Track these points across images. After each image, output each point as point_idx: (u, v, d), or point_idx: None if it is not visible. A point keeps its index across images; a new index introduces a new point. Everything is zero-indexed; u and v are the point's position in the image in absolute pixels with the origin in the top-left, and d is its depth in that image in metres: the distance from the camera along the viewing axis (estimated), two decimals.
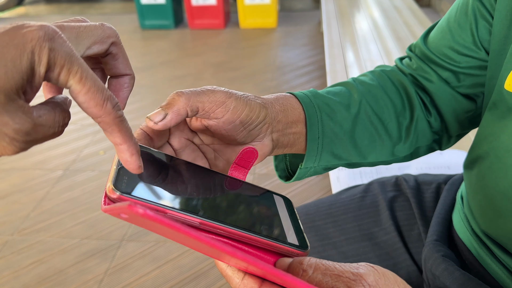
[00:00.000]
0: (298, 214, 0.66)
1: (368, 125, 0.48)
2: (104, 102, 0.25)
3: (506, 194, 0.42)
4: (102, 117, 0.25)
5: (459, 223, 0.53)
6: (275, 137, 0.42)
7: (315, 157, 0.45)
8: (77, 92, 0.24)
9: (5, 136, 0.22)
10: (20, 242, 1.48)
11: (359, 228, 0.62)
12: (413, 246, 0.60)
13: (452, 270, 0.48)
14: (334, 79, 1.60)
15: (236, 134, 0.39)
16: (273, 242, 0.33)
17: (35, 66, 0.22)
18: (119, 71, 0.31)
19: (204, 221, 0.30)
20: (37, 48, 0.22)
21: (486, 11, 0.46)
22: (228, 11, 3.96)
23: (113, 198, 0.28)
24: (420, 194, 0.63)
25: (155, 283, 1.31)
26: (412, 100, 0.51)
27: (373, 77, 0.53)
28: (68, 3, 5.15)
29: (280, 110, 0.42)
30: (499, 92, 0.43)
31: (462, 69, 0.49)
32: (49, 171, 1.86)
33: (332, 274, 0.29)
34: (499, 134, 0.43)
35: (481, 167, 0.46)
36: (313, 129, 0.44)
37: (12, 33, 0.22)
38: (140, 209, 0.21)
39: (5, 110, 0.22)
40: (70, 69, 0.23)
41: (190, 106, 0.35)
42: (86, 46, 0.28)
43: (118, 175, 0.29)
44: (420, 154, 0.54)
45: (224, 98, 0.37)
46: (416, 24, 2.19)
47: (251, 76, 2.75)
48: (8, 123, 0.22)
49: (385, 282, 0.29)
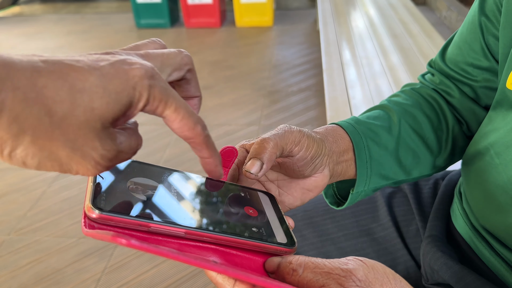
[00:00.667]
0: (296, 211, 0.66)
1: (410, 144, 0.50)
2: (194, 125, 0.28)
3: (505, 189, 0.42)
4: (193, 139, 0.28)
5: (457, 218, 0.53)
6: (331, 167, 0.44)
7: (365, 181, 0.47)
8: (173, 120, 0.27)
9: (91, 159, 0.24)
10: (17, 242, 1.48)
11: (357, 224, 0.62)
12: (411, 241, 0.60)
13: (451, 264, 0.48)
14: (331, 76, 1.60)
15: (305, 169, 0.41)
16: (260, 243, 0.32)
17: (134, 101, 0.25)
18: (190, 94, 0.34)
19: (189, 230, 0.30)
20: (139, 85, 0.25)
21: (491, 24, 0.48)
22: (224, 10, 3.95)
23: (93, 218, 0.27)
24: (418, 190, 0.63)
25: (152, 281, 1.31)
26: (445, 112, 0.53)
27: (406, 96, 0.55)
28: (63, 2, 5.12)
29: (332, 141, 0.45)
30: (502, 91, 0.44)
31: (478, 82, 0.51)
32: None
33: (322, 272, 0.29)
34: (500, 131, 0.44)
35: (480, 163, 0.46)
36: (361, 155, 0.47)
37: (117, 67, 0.24)
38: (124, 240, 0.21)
39: (97, 137, 0.24)
40: (166, 102, 0.26)
41: (279, 150, 0.37)
42: (168, 73, 0.30)
43: (95, 192, 0.28)
44: (455, 160, 0.56)
45: (300, 137, 0.39)
46: (411, 21, 2.20)
47: (248, 75, 2.75)
48: (97, 149, 0.24)
49: (374, 276, 0.30)
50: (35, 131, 0.22)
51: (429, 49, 1.79)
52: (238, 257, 0.32)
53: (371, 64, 1.68)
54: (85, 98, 0.23)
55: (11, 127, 0.21)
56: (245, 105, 2.32)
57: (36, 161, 0.23)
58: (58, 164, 0.24)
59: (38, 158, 0.23)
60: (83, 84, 0.23)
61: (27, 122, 0.22)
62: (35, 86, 0.22)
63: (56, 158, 0.23)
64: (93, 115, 0.23)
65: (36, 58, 0.23)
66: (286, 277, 0.30)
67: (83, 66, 0.23)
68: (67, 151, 0.23)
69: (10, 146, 0.22)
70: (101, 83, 0.23)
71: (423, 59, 1.69)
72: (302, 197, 0.43)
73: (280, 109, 2.28)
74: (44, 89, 0.22)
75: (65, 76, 0.23)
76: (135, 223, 0.28)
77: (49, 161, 0.23)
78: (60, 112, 0.22)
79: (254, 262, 0.33)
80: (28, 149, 0.22)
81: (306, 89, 2.51)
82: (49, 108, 0.22)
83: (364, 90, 1.48)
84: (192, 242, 0.31)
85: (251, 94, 2.48)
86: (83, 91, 0.23)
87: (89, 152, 0.24)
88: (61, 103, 0.22)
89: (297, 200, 0.43)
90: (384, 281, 0.30)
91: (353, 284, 0.29)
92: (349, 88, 1.50)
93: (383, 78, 1.55)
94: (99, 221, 0.27)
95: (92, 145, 0.24)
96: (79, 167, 0.24)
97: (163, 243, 0.29)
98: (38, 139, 0.22)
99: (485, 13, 0.48)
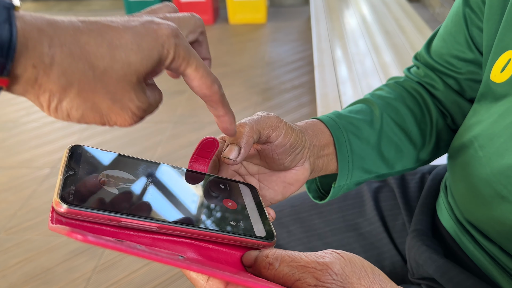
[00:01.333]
0: (283, 206, 0.65)
1: (392, 137, 0.50)
2: (212, 83, 0.30)
3: (488, 181, 0.42)
4: (211, 97, 0.30)
5: (442, 212, 0.53)
6: (312, 161, 0.44)
7: (347, 175, 0.47)
8: (193, 78, 0.29)
9: (129, 110, 0.27)
10: (6, 241, 1.46)
11: (344, 219, 0.62)
12: (397, 236, 0.60)
13: (435, 258, 0.48)
14: (322, 73, 1.59)
15: (285, 158, 0.40)
16: (237, 237, 0.32)
17: (162, 57, 0.27)
18: (202, 55, 0.35)
19: (162, 224, 0.29)
20: (167, 43, 0.27)
21: (475, 16, 0.47)
22: (217, 7, 3.94)
23: (61, 212, 0.26)
24: (405, 184, 0.63)
25: (143, 280, 1.31)
26: (429, 105, 0.53)
27: (389, 90, 0.55)
28: (55, 0, 5.08)
29: (313, 135, 0.45)
30: (486, 83, 0.44)
31: (463, 75, 0.51)
32: (36, 169, 1.84)
33: (298, 265, 0.29)
34: (483, 123, 0.43)
35: (465, 156, 0.46)
36: (342, 149, 0.46)
37: (147, 26, 0.26)
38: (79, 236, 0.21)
39: (133, 90, 0.26)
40: (188, 61, 0.28)
41: (255, 134, 0.37)
42: (185, 35, 0.32)
43: (64, 185, 0.27)
44: (441, 154, 0.56)
45: (277, 123, 0.39)
46: (404, 18, 2.20)
47: (241, 72, 2.74)
48: (134, 100, 0.27)
49: (351, 269, 0.29)
50: (80, 84, 0.24)
51: (421, 46, 1.79)
52: (214, 251, 0.31)
53: (363, 61, 1.68)
54: (122, 54, 0.25)
55: (60, 80, 0.24)
56: (238, 103, 2.31)
57: (80, 112, 0.25)
58: (99, 115, 0.26)
59: (82, 109, 0.25)
60: (120, 41, 0.25)
61: (73, 76, 0.24)
62: (79, 43, 0.24)
63: (98, 109, 0.26)
64: (130, 70, 0.25)
65: (75, 19, 0.25)
66: (262, 271, 0.30)
67: (118, 26, 0.26)
68: (108, 103, 0.26)
69: (58, 99, 0.24)
70: (135, 40, 0.25)
71: None
72: (283, 191, 0.43)
73: (273, 107, 2.28)
74: (87, 46, 0.24)
75: (104, 34, 0.25)
76: (104, 218, 0.27)
77: (92, 112, 0.26)
78: (101, 66, 0.25)
79: (231, 256, 0.32)
80: (73, 101, 0.25)
81: (299, 86, 2.51)
82: (91, 63, 0.24)
83: (355, 87, 1.47)
84: (166, 237, 0.30)
85: (244, 91, 2.47)
86: (120, 47, 0.25)
87: (127, 104, 0.26)
88: (102, 58, 0.24)
89: (278, 194, 0.42)
90: (362, 274, 0.29)
91: (329, 278, 0.28)
92: (340, 84, 1.49)
93: (374, 76, 1.54)
94: (67, 216, 0.26)
95: (129, 97, 0.26)
96: (118, 118, 0.27)
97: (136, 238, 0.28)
98: (82, 91, 0.25)
99: (469, 5, 0.48)
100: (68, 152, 0.31)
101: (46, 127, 2.17)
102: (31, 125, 2.20)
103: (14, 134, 2.13)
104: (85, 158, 0.31)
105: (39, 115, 2.30)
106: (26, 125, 2.21)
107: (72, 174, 0.29)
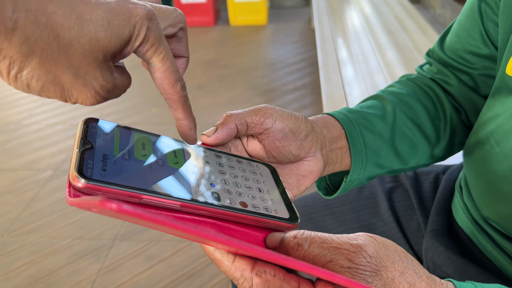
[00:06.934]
0: (296, 206, 0.64)
1: (406, 132, 0.49)
2: (175, 82, 0.29)
3: (506, 177, 0.41)
4: (171, 95, 0.29)
5: (458, 212, 0.52)
6: (324, 153, 0.42)
7: (360, 169, 0.46)
8: (157, 69, 0.28)
9: (92, 88, 0.26)
10: (10, 244, 1.45)
11: (358, 219, 0.61)
12: (412, 236, 0.59)
13: (454, 258, 0.47)
14: (327, 74, 1.59)
15: (289, 144, 0.39)
16: (261, 218, 0.30)
17: (132, 38, 0.26)
18: (180, 53, 0.34)
19: (185, 203, 0.28)
20: (139, 24, 0.26)
21: (491, 10, 0.47)
22: (218, 9, 3.94)
23: (79, 188, 0.25)
24: (419, 185, 0.62)
25: (148, 282, 1.30)
26: (443, 101, 0.52)
27: (401, 86, 0.54)
28: None
29: (322, 126, 0.44)
30: (501, 77, 0.43)
31: (477, 70, 0.50)
32: (39, 171, 1.83)
33: (329, 247, 0.28)
34: (499, 118, 0.43)
35: (481, 152, 0.45)
36: (355, 142, 0.45)
37: (122, 5, 0.25)
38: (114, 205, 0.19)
39: (99, 67, 0.25)
40: (157, 48, 0.27)
41: (238, 120, 0.37)
42: (162, 27, 0.31)
43: (81, 159, 0.26)
44: (455, 151, 0.55)
45: (269, 110, 0.39)
46: (407, 18, 2.20)
47: (242, 74, 2.74)
48: (98, 78, 0.26)
49: (385, 252, 0.28)
50: (43, 54, 0.23)
51: (425, 46, 1.79)
52: (237, 232, 0.30)
53: (367, 61, 1.68)
54: (91, 29, 0.24)
55: (22, 46, 0.22)
56: (240, 104, 2.30)
57: (40, 84, 0.24)
58: (60, 90, 0.25)
59: (43, 81, 0.24)
60: (90, 15, 0.24)
61: (36, 44, 0.23)
62: (46, 11, 0.23)
63: (59, 83, 0.25)
64: (97, 46, 0.25)
65: None
66: (290, 252, 0.29)
67: (91, 0, 0.25)
68: (71, 77, 0.25)
69: (18, 67, 0.23)
70: (106, 16, 0.25)
71: (419, 56, 1.69)
72: (297, 184, 0.41)
73: None
74: (54, 15, 0.23)
75: (74, 6, 0.24)
76: (125, 194, 0.26)
77: (53, 85, 0.25)
78: (67, 38, 0.24)
79: (254, 237, 0.31)
80: (34, 71, 0.24)
81: (301, 87, 2.50)
82: (57, 33, 0.23)
83: (361, 86, 1.47)
84: (188, 216, 0.29)
85: (246, 93, 2.46)
86: (89, 21, 0.24)
87: (91, 81, 0.25)
88: (69, 30, 0.23)
89: (293, 188, 0.41)
90: (396, 259, 0.28)
91: (364, 260, 0.27)
92: (345, 85, 1.49)
93: (379, 75, 1.54)
94: (85, 191, 0.25)
95: (94, 75, 0.25)
96: (80, 95, 0.26)
97: None
98: (45, 62, 0.24)
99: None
100: (83, 125, 0.30)
101: (48, 129, 2.17)
102: (33, 127, 2.20)
103: (16, 136, 2.12)
104: (101, 131, 0.30)
105: (41, 117, 2.29)
106: (28, 127, 2.20)
107: (89, 147, 0.28)
